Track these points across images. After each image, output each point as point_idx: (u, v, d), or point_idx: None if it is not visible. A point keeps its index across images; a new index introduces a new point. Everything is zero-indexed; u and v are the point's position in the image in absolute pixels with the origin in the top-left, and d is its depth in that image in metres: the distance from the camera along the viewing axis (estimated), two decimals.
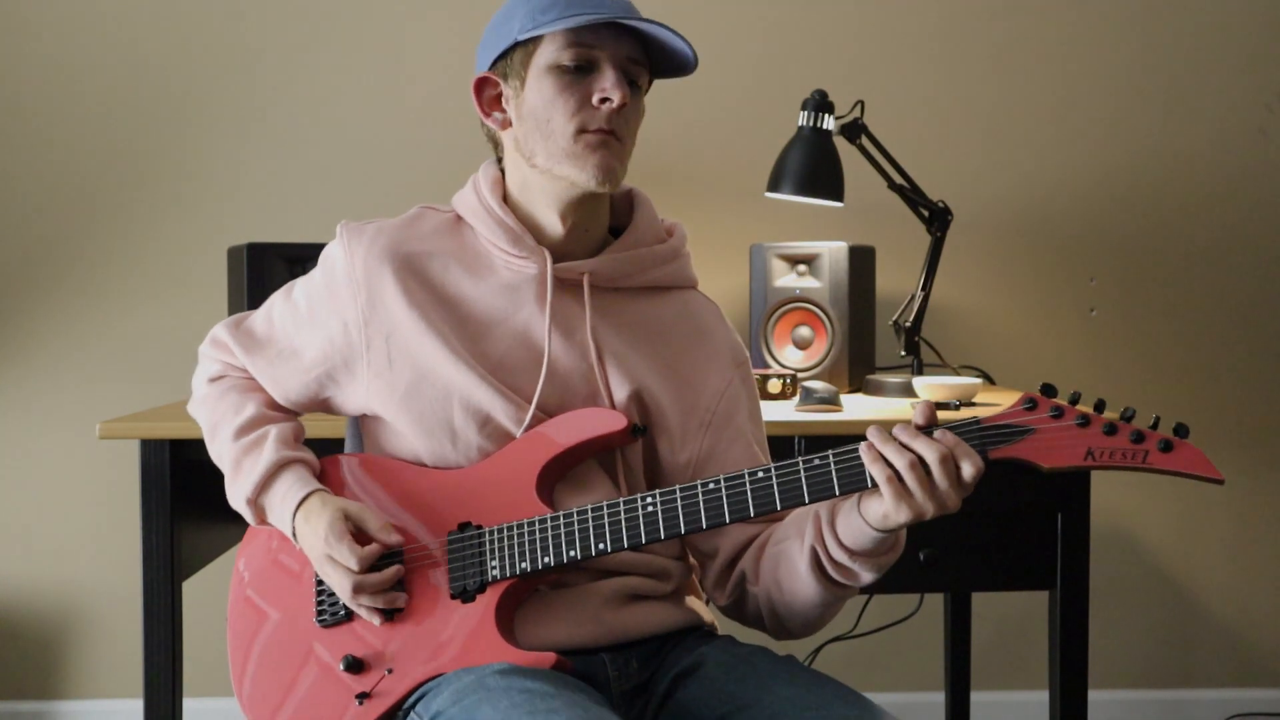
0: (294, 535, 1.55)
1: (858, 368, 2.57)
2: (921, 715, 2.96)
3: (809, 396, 2.25)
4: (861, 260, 2.59)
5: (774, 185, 2.54)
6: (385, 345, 1.55)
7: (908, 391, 2.42)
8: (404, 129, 2.90)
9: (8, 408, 2.92)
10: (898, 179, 2.54)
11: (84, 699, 2.94)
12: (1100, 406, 1.33)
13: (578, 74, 1.50)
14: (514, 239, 1.56)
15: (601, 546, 1.46)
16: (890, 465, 1.35)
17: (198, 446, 2.08)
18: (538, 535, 1.49)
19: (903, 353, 2.56)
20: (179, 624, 2.12)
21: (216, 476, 1.81)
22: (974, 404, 2.31)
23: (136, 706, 2.28)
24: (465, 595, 1.50)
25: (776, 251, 2.59)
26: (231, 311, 2.54)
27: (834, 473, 1.39)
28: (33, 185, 2.90)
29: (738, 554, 1.59)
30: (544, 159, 1.52)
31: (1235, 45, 2.96)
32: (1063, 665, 2.18)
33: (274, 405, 1.65)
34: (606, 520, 1.46)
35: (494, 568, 1.49)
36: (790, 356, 2.57)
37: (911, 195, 2.55)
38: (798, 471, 1.40)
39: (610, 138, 1.50)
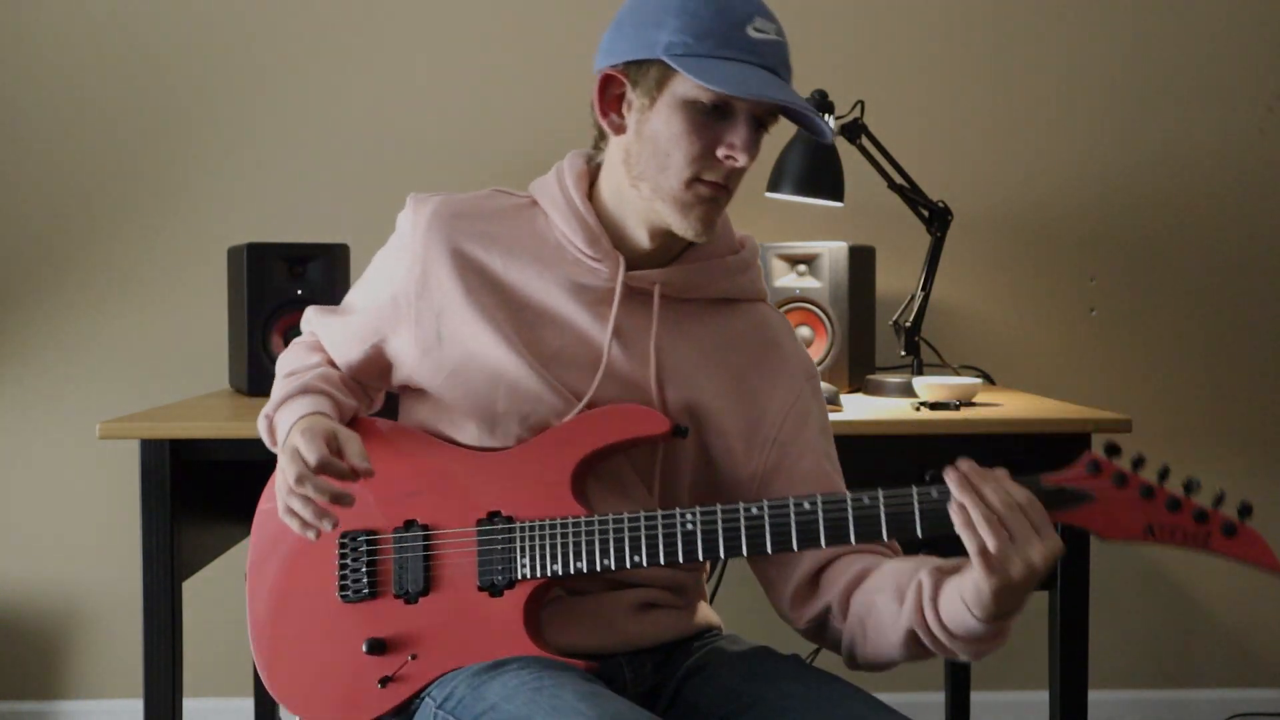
0: (282, 446, 1.51)
1: (858, 368, 2.57)
2: (921, 715, 2.96)
3: None
4: (861, 260, 2.59)
5: (774, 185, 2.54)
6: (436, 322, 1.52)
7: (908, 391, 2.42)
8: (405, 129, 2.90)
9: (8, 408, 2.92)
10: (898, 179, 2.54)
11: (84, 699, 2.94)
12: (1165, 473, 1.28)
13: (711, 114, 1.42)
14: (591, 239, 1.52)
15: (637, 559, 1.43)
16: (968, 513, 1.28)
17: (198, 446, 2.10)
18: (570, 538, 1.46)
19: (903, 353, 2.56)
20: (179, 624, 2.11)
21: (216, 476, 1.81)
22: (974, 404, 2.31)
23: (136, 706, 2.27)
24: (493, 589, 1.48)
25: (776, 251, 2.59)
26: (231, 312, 2.54)
27: (883, 514, 1.35)
28: (33, 186, 2.90)
29: (817, 574, 1.52)
30: (649, 189, 1.47)
31: (1235, 45, 2.96)
32: (1063, 665, 2.18)
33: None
34: (644, 533, 1.43)
35: (524, 566, 1.47)
36: None
37: (911, 195, 2.54)
38: (844, 509, 1.37)
39: (722, 192, 1.46)
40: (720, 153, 1.44)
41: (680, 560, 1.42)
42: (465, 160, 2.87)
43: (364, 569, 1.52)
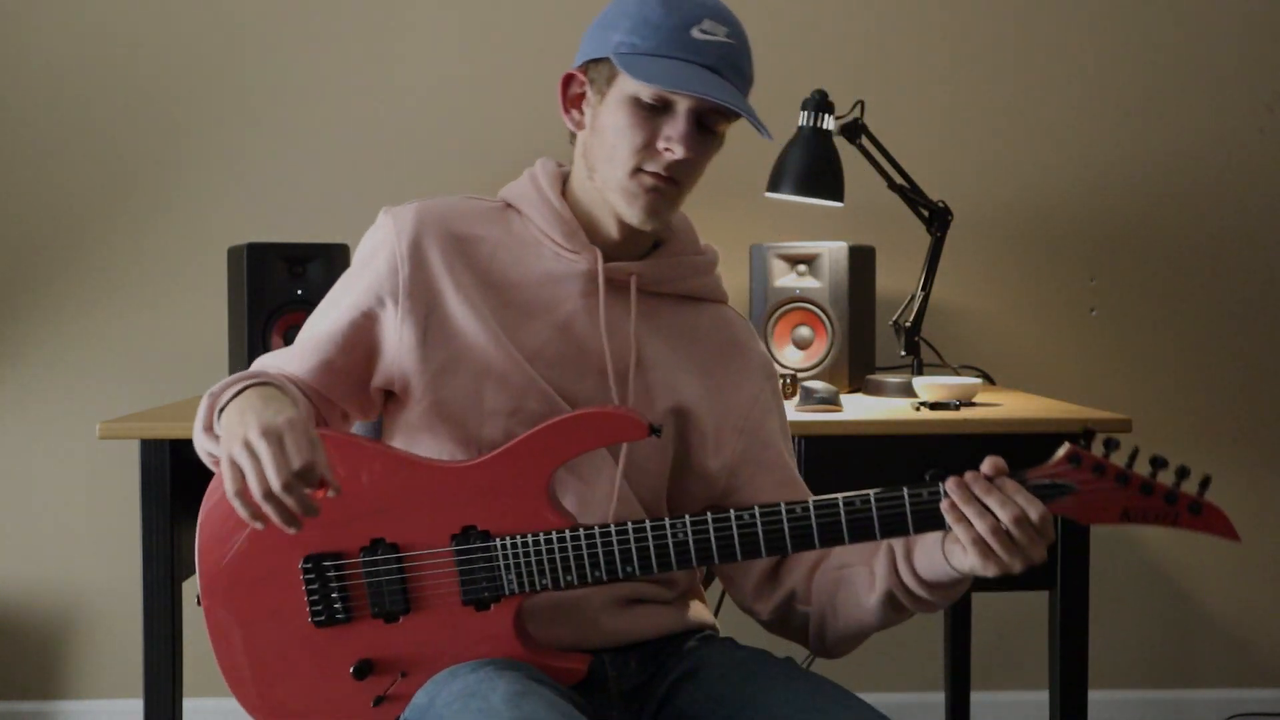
0: (224, 409, 1.41)
1: (858, 368, 2.57)
2: (921, 715, 2.96)
3: (809, 397, 2.25)
4: (861, 260, 2.59)
5: (774, 185, 2.54)
6: (423, 322, 1.52)
7: (908, 391, 2.42)
8: (404, 128, 2.90)
9: (8, 408, 2.92)
10: (898, 179, 2.54)
11: (84, 699, 2.94)
12: (1134, 455, 1.37)
13: (653, 111, 1.48)
14: (569, 233, 1.56)
15: (629, 570, 1.45)
16: (973, 527, 1.36)
17: None
18: (557, 552, 1.45)
19: (903, 353, 2.56)
20: (179, 624, 2.11)
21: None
22: (974, 404, 2.31)
23: (136, 706, 2.28)
24: (480, 604, 1.47)
25: (776, 251, 2.59)
26: (231, 312, 2.54)
27: (875, 518, 1.40)
28: (33, 185, 2.90)
29: (777, 565, 1.59)
30: (600, 180, 1.53)
31: (1235, 45, 2.96)
32: (1063, 665, 2.18)
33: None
34: (634, 544, 1.44)
35: (510, 582, 1.46)
36: (790, 356, 2.57)
37: (911, 195, 2.54)
38: (837, 512, 1.41)
39: (665, 183, 1.50)
40: (660, 144, 1.48)
41: (674, 567, 1.45)
42: (465, 160, 2.87)
43: (335, 592, 1.48)
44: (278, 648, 1.50)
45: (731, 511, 1.43)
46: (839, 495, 1.41)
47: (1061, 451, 1.38)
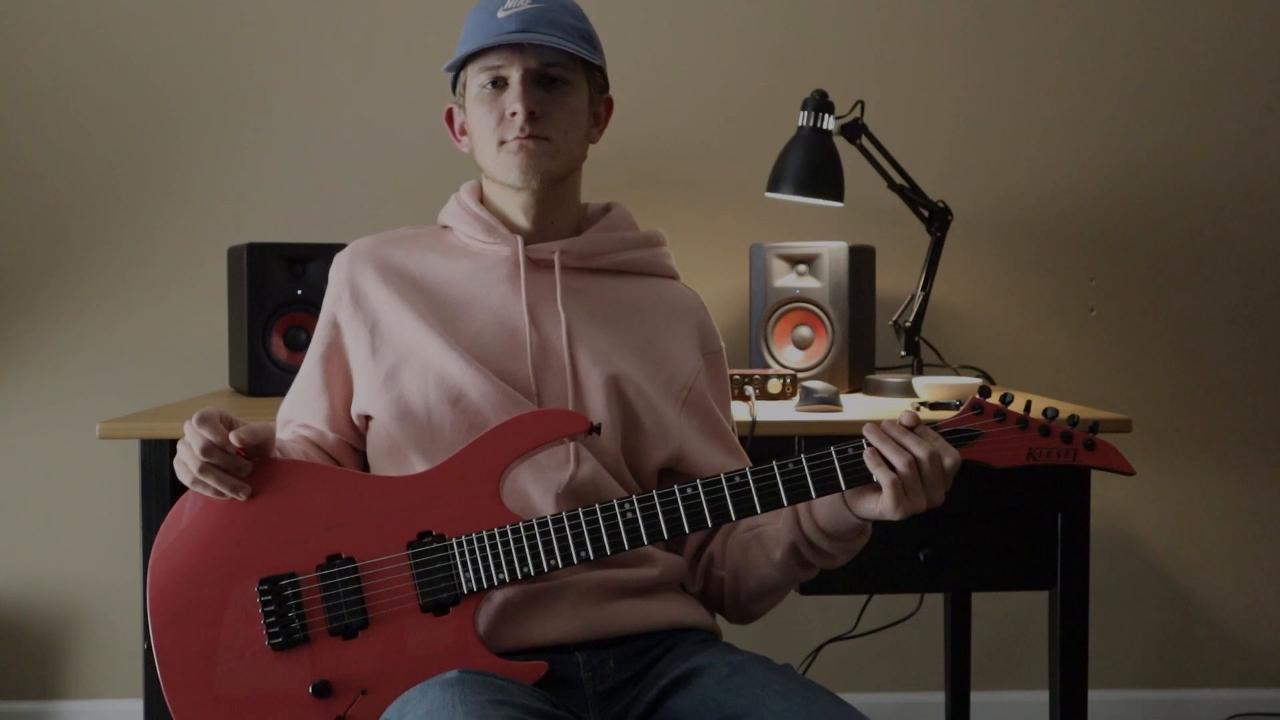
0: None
1: (858, 368, 2.57)
2: (921, 715, 2.96)
3: (809, 396, 2.25)
4: (861, 260, 2.59)
5: (774, 185, 2.54)
6: (370, 335, 1.65)
7: (908, 391, 2.42)
8: (404, 128, 2.90)
9: (8, 408, 2.92)
10: (898, 179, 2.54)
11: (84, 699, 2.94)
12: (1028, 406, 1.50)
13: (495, 93, 1.64)
14: (487, 228, 1.69)
15: (584, 554, 1.48)
16: (892, 468, 1.44)
17: None
18: (512, 545, 1.48)
19: (903, 353, 2.56)
20: None
21: None
22: None
23: (136, 706, 2.28)
24: (438, 608, 1.48)
25: (776, 251, 2.59)
26: (231, 312, 2.54)
27: (809, 477, 1.47)
28: (32, 185, 2.90)
29: (705, 540, 1.67)
30: (488, 169, 1.69)
31: (1235, 45, 2.96)
32: (1063, 665, 2.18)
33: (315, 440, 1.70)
34: (585, 528, 1.48)
35: (468, 580, 1.48)
36: (790, 356, 2.57)
37: (911, 195, 2.55)
38: (773, 476, 1.47)
39: (528, 140, 1.62)
40: (507, 113, 1.63)
41: (626, 547, 1.49)
42: (465, 161, 2.86)
43: (292, 613, 1.48)
44: (237, 677, 1.48)
45: (675, 487, 1.48)
46: (773, 461, 1.48)
47: (965, 403, 1.50)
